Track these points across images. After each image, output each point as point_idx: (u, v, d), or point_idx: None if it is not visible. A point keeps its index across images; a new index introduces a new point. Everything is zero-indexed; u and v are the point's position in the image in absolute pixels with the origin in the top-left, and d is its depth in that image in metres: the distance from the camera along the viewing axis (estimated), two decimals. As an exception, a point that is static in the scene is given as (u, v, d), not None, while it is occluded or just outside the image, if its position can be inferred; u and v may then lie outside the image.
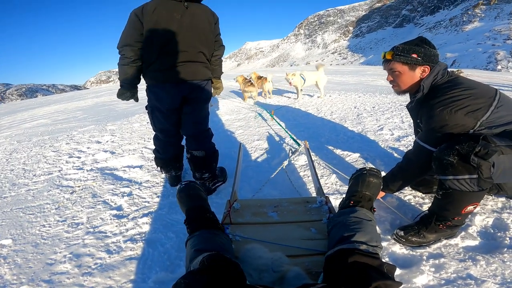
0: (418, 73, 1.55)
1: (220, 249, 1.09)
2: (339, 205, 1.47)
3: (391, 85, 1.70)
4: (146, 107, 2.19)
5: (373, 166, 2.05)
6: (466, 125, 1.38)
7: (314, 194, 2.08)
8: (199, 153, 2.22)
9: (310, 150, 2.53)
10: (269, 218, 1.57)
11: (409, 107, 1.74)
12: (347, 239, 1.09)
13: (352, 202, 1.34)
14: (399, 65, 1.57)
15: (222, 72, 2.42)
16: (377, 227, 1.34)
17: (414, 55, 1.51)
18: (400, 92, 1.68)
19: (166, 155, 2.33)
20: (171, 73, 1.97)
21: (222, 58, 2.35)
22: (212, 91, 2.39)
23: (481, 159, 1.21)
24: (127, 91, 2.08)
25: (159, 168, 2.46)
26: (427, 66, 1.53)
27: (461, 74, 9.01)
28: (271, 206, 1.68)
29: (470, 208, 1.40)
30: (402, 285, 1.22)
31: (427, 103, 1.51)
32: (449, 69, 1.60)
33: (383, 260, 1.04)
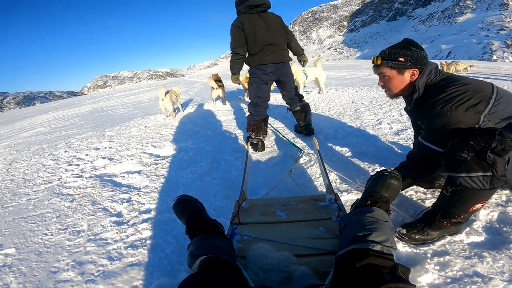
0: (407, 76, 1.55)
1: (216, 252, 1.09)
2: (353, 204, 1.46)
3: (384, 90, 1.70)
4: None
5: (385, 167, 2.00)
6: (469, 121, 1.34)
7: (321, 191, 2.07)
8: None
9: (318, 146, 2.49)
10: (277, 217, 1.56)
11: (407, 109, 1.73)
12: (362, 238, 1.06)
13: (369, 201, 1.32)
14: (387, 70, 1.57)
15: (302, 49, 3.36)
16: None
17: (401, 59, 1.50)
18: (392, 96, 1.68)
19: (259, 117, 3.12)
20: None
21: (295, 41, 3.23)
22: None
23: (496, 156, 1.17)
24: (237, 75, 3.13)
25: (251, 134, 3.10)
26: (416, 69, 1.52)
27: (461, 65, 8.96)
28: (279, 205, 1.67)
29: (478, 206, 1.37)
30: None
31: (425, 103, 1.49)
32: (447, 61, 1.59)
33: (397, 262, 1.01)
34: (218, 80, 6.25)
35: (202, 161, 3.06)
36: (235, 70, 3.04)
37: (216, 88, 6.17)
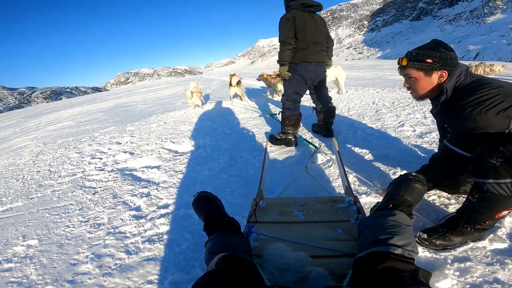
0: (435, 78, 1.49)
1: (234, 249, 1.09)
2: (373, 207, 1.42)
3: (409, 92, 1.64)
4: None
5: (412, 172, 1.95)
6: (499, 125, 1.28)
7: (339, 192, 2.03)
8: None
9: (338, 147, 2.46)
10: (295, 217, 1.55)
11: (434, 111, 1.67)
12: (382, 242, 1.04)
13: (391, 205, 1.29)
14: (414, 71, 1.52)
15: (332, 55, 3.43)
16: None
17: (429, 60, 1.45)
18: (419, 98, 1.63)
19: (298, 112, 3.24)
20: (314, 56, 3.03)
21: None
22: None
23: None
24: (287, 66, 3.00)
25: (289, 129, 3.17)
26: (445, 71, 1.46)
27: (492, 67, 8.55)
28: (296, 205, 1.65)
29: (504, 213, 1.32)
30: None
31: (454, 106, 1.44)
32: (475, 62, 1.52)
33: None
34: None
35: (219, 158, 3.08)
36: (285, 61, 2.99)
37: (234, 86, 6.26)
